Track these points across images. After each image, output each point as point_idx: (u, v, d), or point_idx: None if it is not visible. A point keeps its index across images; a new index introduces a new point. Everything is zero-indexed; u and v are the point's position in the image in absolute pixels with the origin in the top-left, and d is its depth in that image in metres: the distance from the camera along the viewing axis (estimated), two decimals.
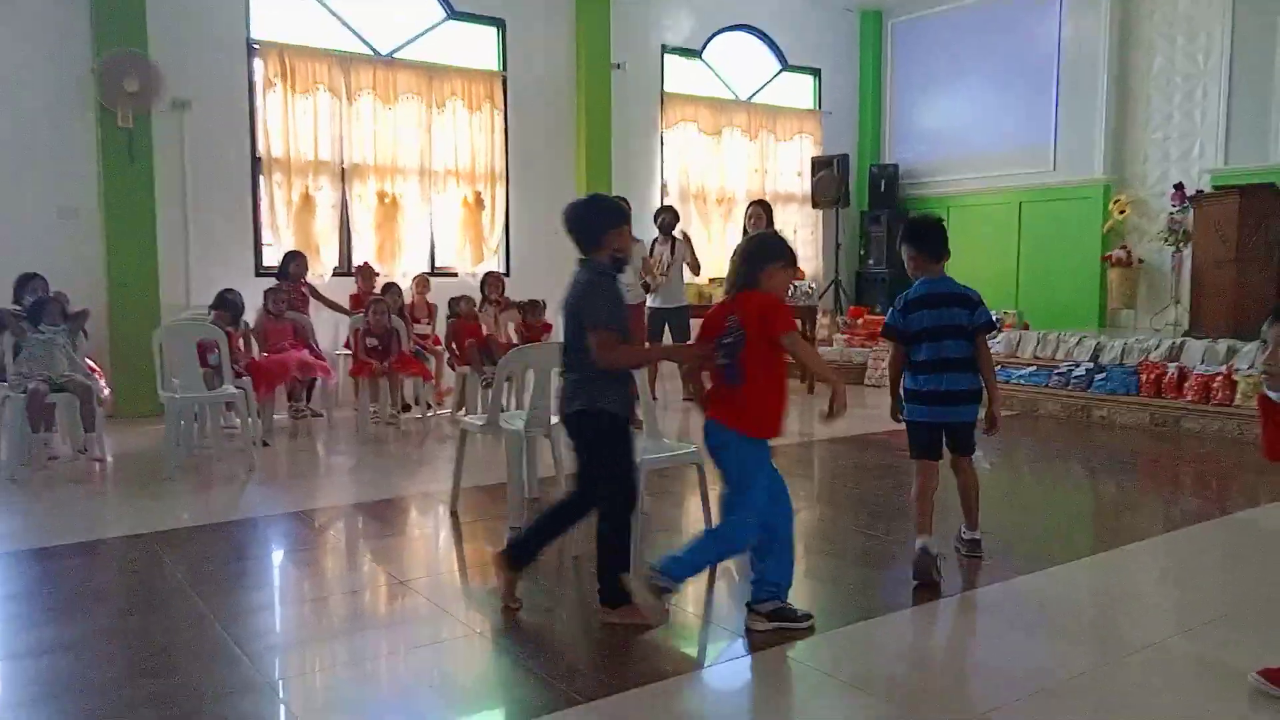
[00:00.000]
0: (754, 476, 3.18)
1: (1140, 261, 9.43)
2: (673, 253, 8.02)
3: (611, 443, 3.28)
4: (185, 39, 7.44)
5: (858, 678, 2.89)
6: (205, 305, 6.80)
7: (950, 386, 3.72)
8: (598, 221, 3.41)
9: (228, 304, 6.53)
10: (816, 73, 11.50)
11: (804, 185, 11.22)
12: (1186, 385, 7.10)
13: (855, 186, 11.41)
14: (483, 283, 8.04)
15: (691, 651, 3.20)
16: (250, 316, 6.98)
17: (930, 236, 3.97)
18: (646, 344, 7.10)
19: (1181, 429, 6.99)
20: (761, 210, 7.08)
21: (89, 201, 7.21)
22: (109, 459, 5.75)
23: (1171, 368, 7.27)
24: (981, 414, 3.84)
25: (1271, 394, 2.60)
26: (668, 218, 8.17)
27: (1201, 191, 8.48)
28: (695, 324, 7.57)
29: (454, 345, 7.42)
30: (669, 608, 3.25)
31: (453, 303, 7.61)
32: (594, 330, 3.20)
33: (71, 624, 3.28)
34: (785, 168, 11.13)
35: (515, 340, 7.44)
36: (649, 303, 7.93)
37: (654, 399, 4.35)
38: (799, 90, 11.47)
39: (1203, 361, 7.23)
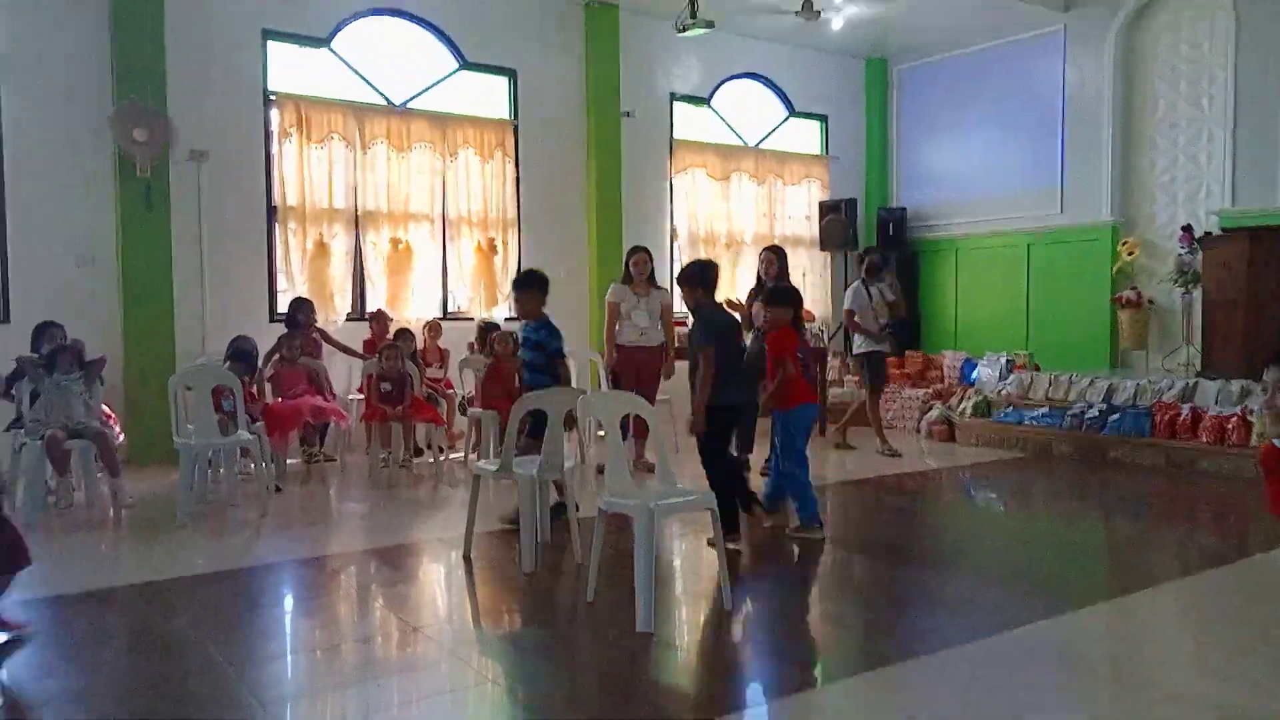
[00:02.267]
0: None
1: (1150, 302, 9.44)
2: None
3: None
4: (203, 90, 7.58)
5: None
6: (220, 351, 6.86)
7: None
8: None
9: (242, 355, 6.55)
10: (823, 119, 11.63)
11: (812, 229, 11.29)
12: (1201, 426, 7.07)
13: (863, 229, 11.48)
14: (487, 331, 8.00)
15: (707, 700, 3.17)
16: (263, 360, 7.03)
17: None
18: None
19: (1197, 470, 6.95)
20: (774, 255, 7.11)
21: (107, 250, 7.31)
22: (132, 501, 5.76)
23: (1185, 408, 7.24)
24: None
25: (1278, 442, 2.60)
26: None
27: (1210, 233, 8.51)
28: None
29: (486, 387, 7.02)
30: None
31: (491, 340, 7.26)
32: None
33: (84, 672, 3.28)
34: (793, 212, 11.22)
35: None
36: None
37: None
38: (806, 136, 11.60)
39: (1216, 402, 7.21)
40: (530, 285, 5.54)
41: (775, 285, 5.62)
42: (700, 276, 5.06)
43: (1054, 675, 3.25)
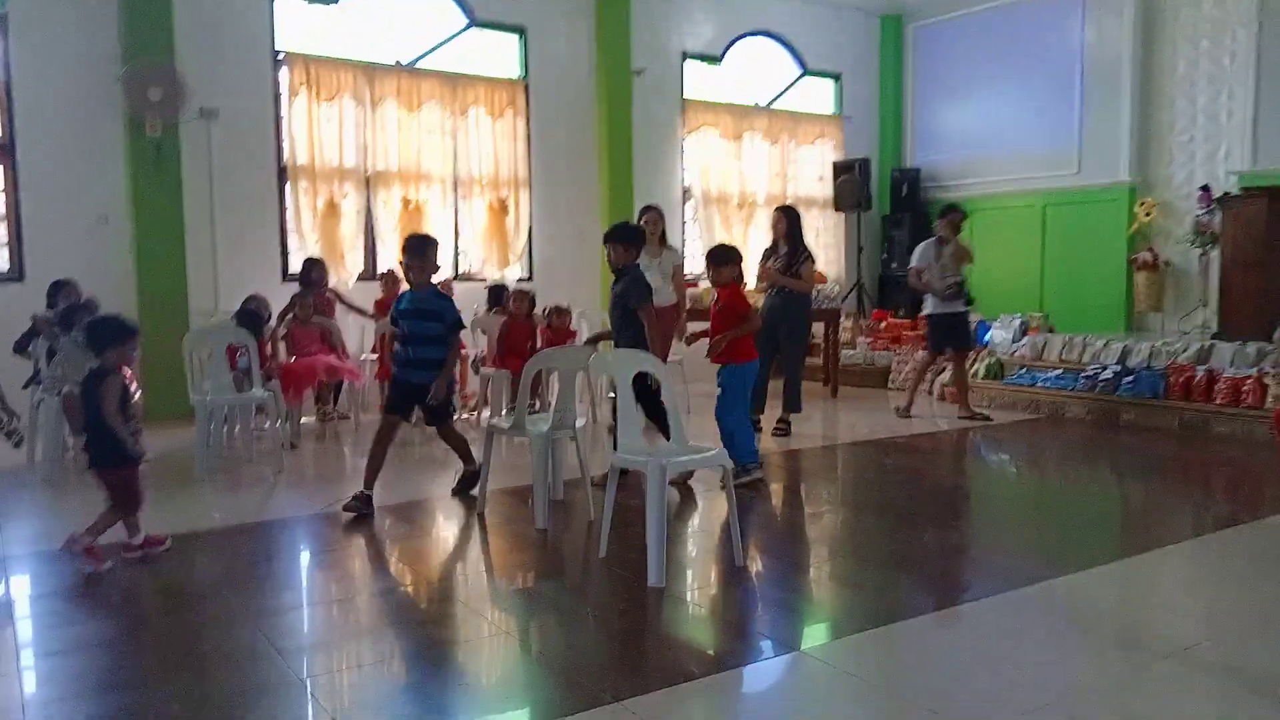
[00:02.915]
0: None
1: (1167, 264, 9.36)
2: None
3: None
4: (212, 49, 7.54)
5: (883, 681, 2.89)
6: (232, 310, 6.88)
7: None
8: None
9: (247, 318, 6.44)
10: (837, 77, 11.49)
11: (825, 189, 11.21)
12: (1216, 388, 7.03)
13: (877, 190, 11.39)
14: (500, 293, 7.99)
15: (717, 653, 3.20)
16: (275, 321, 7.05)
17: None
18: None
19: (1211, 432, 6.92)
20: (784, 216, 7.06)
21: (119, 209, 7.32)
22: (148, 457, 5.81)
23: (1200, 370, 7.20)
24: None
25: None
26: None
27: (1229, 194, 8.40)
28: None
29: (500, 343, 7.07)
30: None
31: (507, 297, 7.29)
32: None
33: (105, 622, 3.34)
34: (806, 172, 11.13)
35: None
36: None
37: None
38: (820, 95, 11.47)
39: (1232, 364, 7.16)
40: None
41: (717, 245, 5.70)
42: (633, 236, 5.30)
43: (1063, 632, 3.27)
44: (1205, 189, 8.84)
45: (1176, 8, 9.36)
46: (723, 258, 5.36)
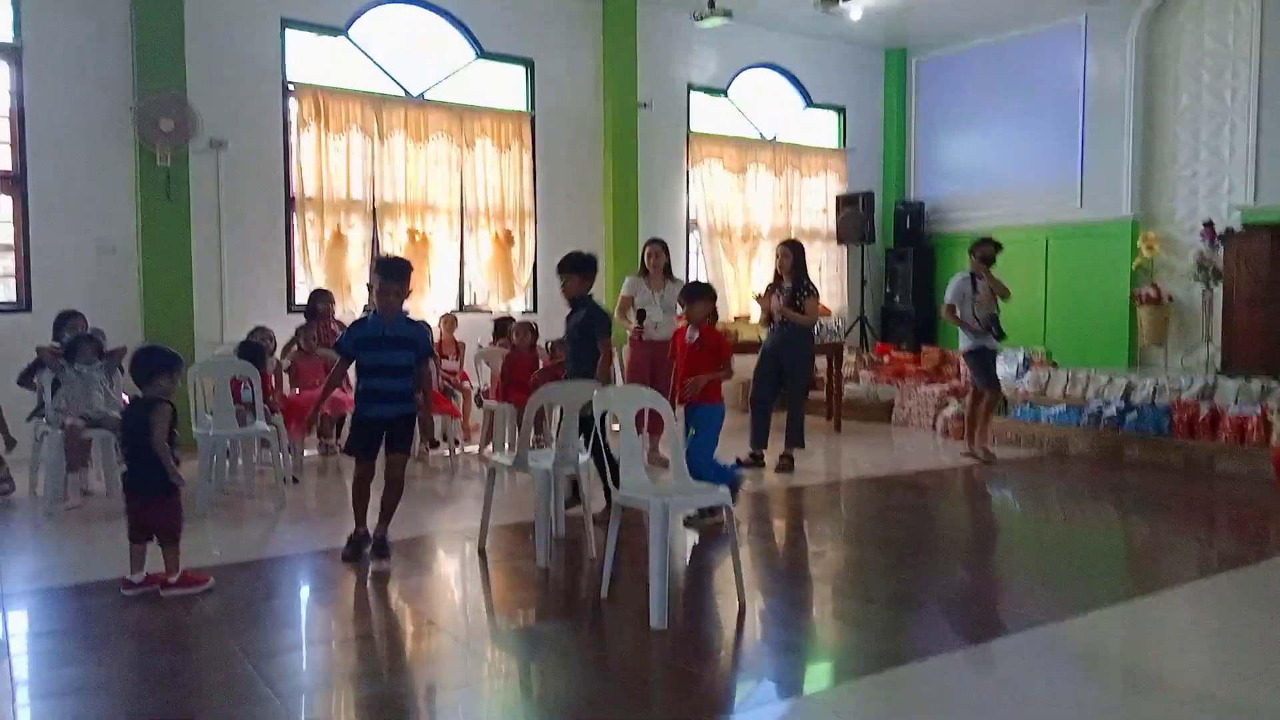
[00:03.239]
0: None
1: (1170, 299, 9.36)
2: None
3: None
4: (223, 80, 7.61)
5: None
6: (237, 342, 6.89)
7: None
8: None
9: (249, 352, 6.33)
10: (841, 110, 11.57)
11: (829, 222, 11.25)
12: (1220, 425, 7.00)
13: (880, 223, 11.43)
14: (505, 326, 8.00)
15: (721, 697, 3.17)
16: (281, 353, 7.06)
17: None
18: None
19: (1216, 469, 6.89)
20: (789, 250, 7.08)
21: (127, 239, 7.36)
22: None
23: (1205, 407, 7.18)
24: None
25: None
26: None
27: (1231, 229, 8.42)
28: None
29: (504, 376, 7.08)
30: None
31: (510, 329, 7.33)
32: None
33: (103, 662, 3.31)
34: (810, 204, 11.18)
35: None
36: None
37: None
38: (823, 128, 11.54)
39: (1236, 401, 7.14)
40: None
41: (693, 281, 5.67)
42: (587, 266, 5.26)
43: (1071, 675, 3.24)
44: (1208, 224, 8.86)
45: (1178, 43, 9.43)
46: (697, 293, 5.28)
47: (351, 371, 4.86)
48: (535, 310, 9.07)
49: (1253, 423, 6.81)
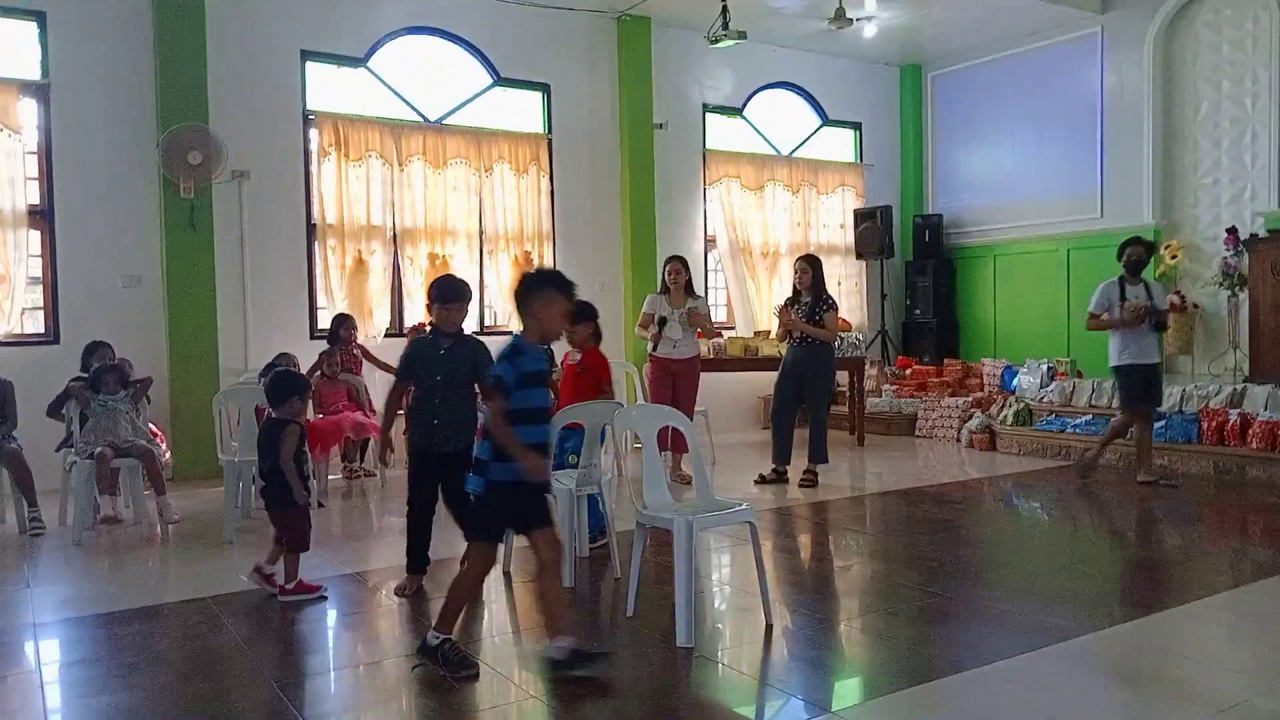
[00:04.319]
0: None
1: (1195, 306, 9.26)
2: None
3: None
4: (244, 112, 7.73)
5: None
6: (261, 369, 6.95)
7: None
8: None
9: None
10: (857, 126, 11.58)
11: (847, 237, 11.24)
12: (1250, 432, 6.91)
13: (899, 237, 11.40)
14: None
15: (749, 715, 3.15)
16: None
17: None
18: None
19: (1247, 477, 6.80)
20: (808, 265, 7.07)
21: (152, 270, 7.47)
22: (178, 518, 5.86)
23: (1234, 414, 7.09)
24: None
25: None
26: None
27: (1256, 235, 8.34)
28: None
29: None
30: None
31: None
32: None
33: (133, 690, 3.33)
34: (828, 220, 11.17)
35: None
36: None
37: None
38: (840, 144, 11.55)
39: (1266, 408, 7.05)
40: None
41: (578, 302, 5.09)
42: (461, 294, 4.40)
43: (1105, 688, 3.19)
44: (1231, 231, 8.77)
45: (1196, 51, 9.38)
46: (580, 316, 4.85)
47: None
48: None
49: None
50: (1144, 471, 6.73)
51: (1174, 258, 9.30)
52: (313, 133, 8.12)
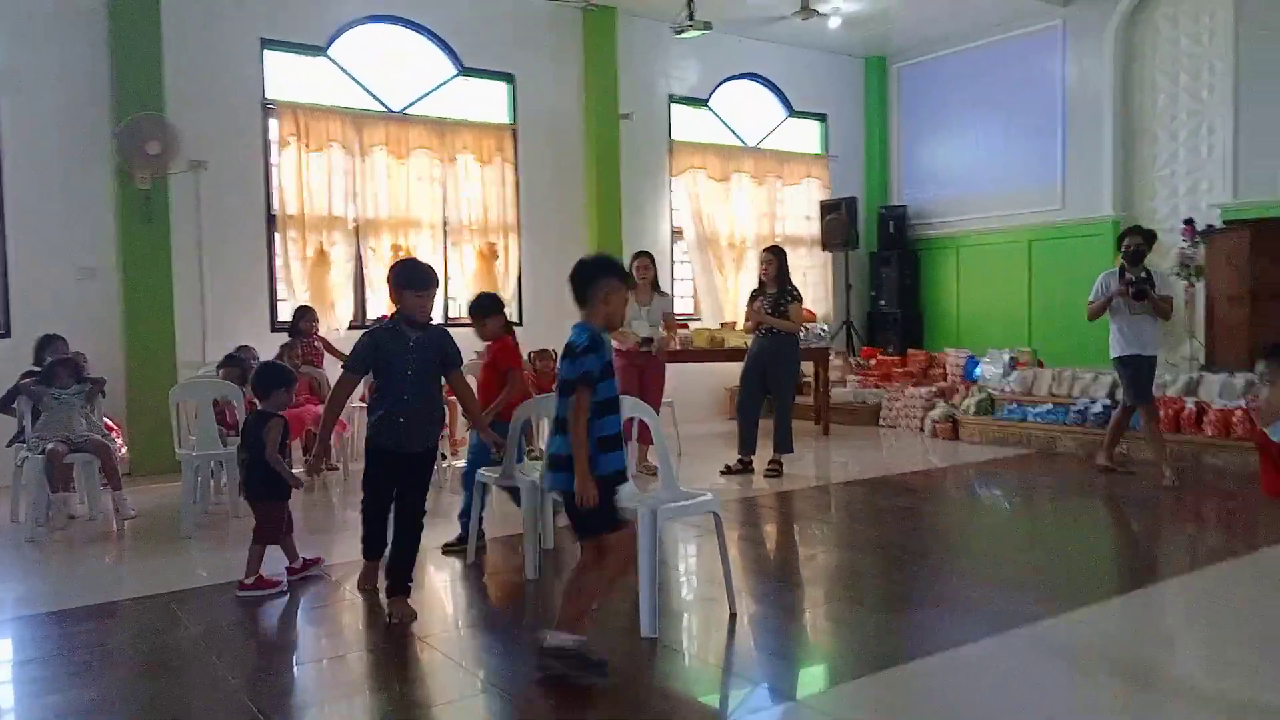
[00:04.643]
0: None
1: None
2: None
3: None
4: (202, 100, 7.59)
5: None
6: (220, 360, 6.85)
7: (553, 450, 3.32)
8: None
9: (234, 361, 6.46)
10: (822, 118, 11.61)
11: (813, 228, 11.28)
12: (1206, 420, 7.03)
13: (864, 228, 11.47)
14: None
15: (713, 704, 3.15)
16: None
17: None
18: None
19: (1203, 464, 6.91)
20: (773, 256, 7.08)
21: (107, 262, 7.32)
22: (129, 515, 5.75)
23: (1190, 402, 7.21)
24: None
25: (1270, 430, 2.59)
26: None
27: (1212, 226, 8.48)
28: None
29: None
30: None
31: (533, 356, 7.26)
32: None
33: (89, 688, 3.27)
34: (794, 211, 11.21)
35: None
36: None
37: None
38: (806, 135, 11.58)
39: (1221, 396, 7.17)
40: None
41: (478, 295, 5.07)
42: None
43: (1065, 671, 3.23)
44: (1188, 222, 8.92)
45: (1155, 43, 9.51)
46: (486, 309, 4.95)
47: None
48: (520, 323, 9.05)
49: (1237, 417, 6.83)
50: (1166, 471, 6.39)
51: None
52: (272, 122, 7.99)
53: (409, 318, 3.93)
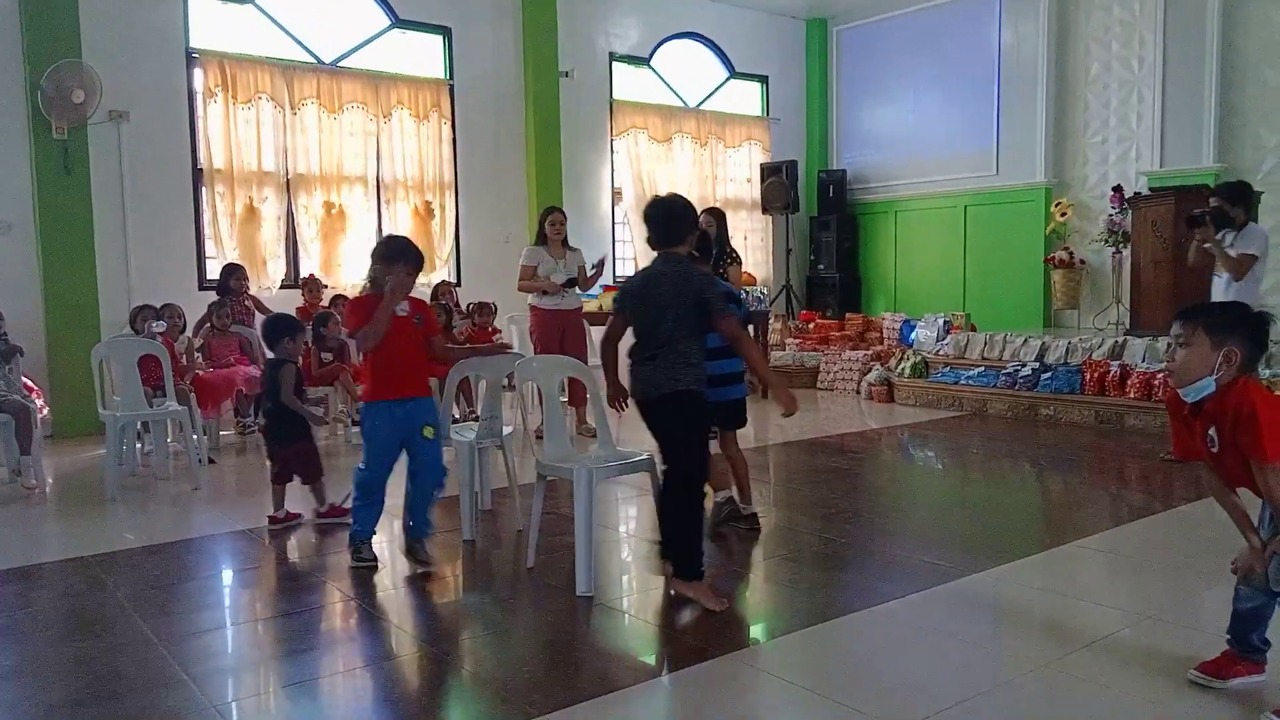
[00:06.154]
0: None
1: (1082, 262, 9.64)
2: None
3: (701, 420, 3.62)
4: (121, 48, 7.28)
5: (814, 681, 2.90)
6: (129, 318, 6.62)
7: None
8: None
9: (146, 312, 6.35)
10: (764, 80, 11.59)
11: (754, 191, 11.30)
12: (1129, 383, 7.25)
13: (804, 192, 11.52)
14: (434, 293, 7.93)
15: (649, 660, 3.18)
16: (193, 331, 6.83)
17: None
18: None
19: (1125, 426, 7.14)
20: (712, 218, 7.05)
21: (24, 215, 7.01)
22: (48, 482, 5.58)
23: (1114, 366, 7.43)
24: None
25: (1182, 392, 2.68)
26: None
27: (1139, 194, 8.68)
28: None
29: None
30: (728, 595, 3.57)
31: (471, 309, 7.57)
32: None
33: (10, 652, 3.18)
34: (735, 174, 11.21)
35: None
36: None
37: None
38: (747, 97, 11.55)
39: (1144, 359, 7.39)
40: None
41: (389, 236, 4.83)
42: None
43: (991, 624, 3.33)
44: (1117, 189, 9.12)
45: (1089, 11, 9.64)
46: (399, 255, 3.92)
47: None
48: (459, 283, 8.93)
49: (1159, 379, 7.05)
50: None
51: (1064, 215, 9.63)
52: (197, 72, 7.71)
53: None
